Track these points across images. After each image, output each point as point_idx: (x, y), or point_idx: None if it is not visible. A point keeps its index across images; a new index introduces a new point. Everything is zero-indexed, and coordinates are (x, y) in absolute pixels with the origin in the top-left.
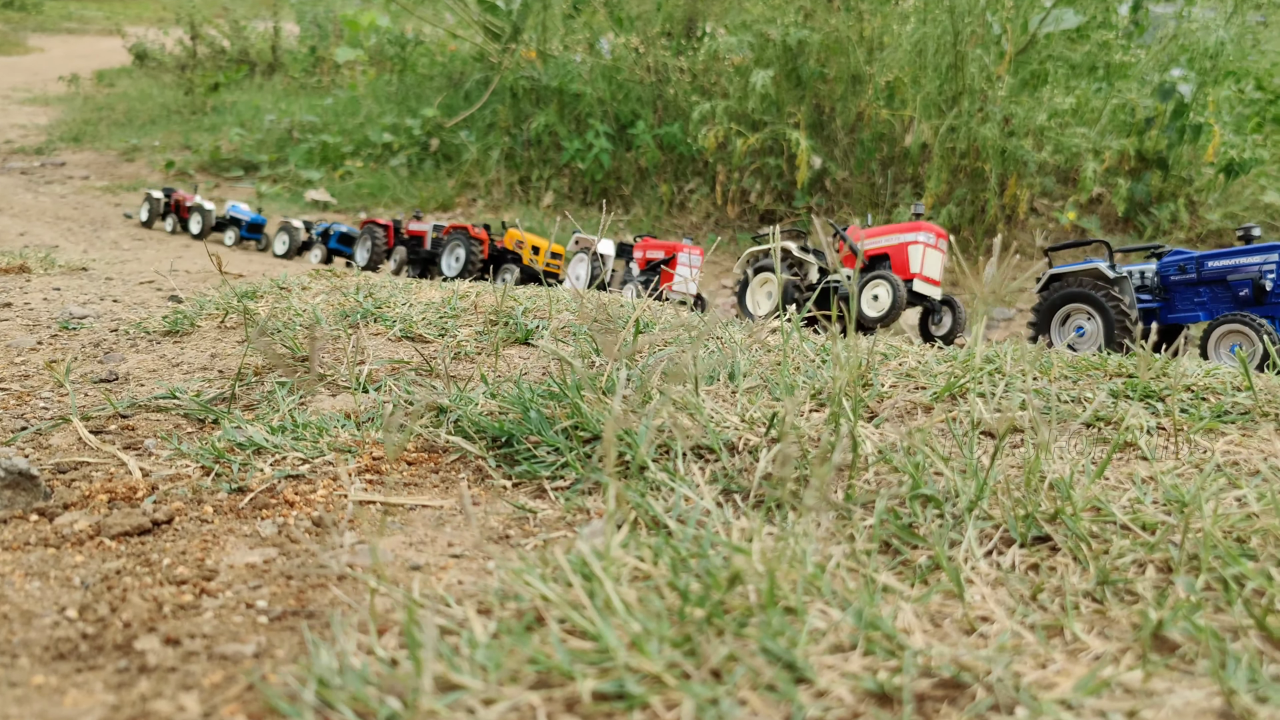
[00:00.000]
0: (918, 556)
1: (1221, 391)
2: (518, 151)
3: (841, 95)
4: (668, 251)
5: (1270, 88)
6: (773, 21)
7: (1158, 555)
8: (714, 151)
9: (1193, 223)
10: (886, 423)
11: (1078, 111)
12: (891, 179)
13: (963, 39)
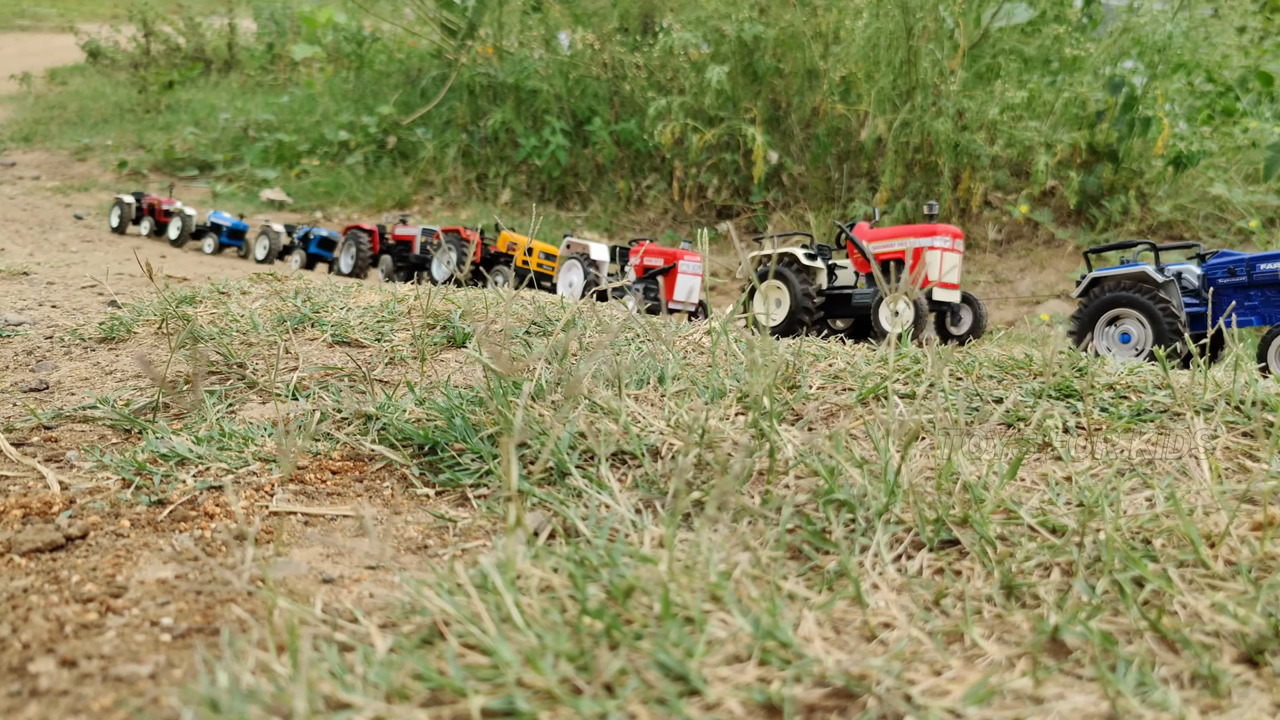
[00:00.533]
0: (827, 562)
1: (1143, 389)
2: (475, 149)
3: (798, 90)
4: (667, 259)
5: (1220, 80)
6: (727, 17)
7: (1063, 558)
8: (671, 147)
9: (1143, 214)
10: (811, 425)
11: (1030, 105)
12: (847, 174)
13: (915, 34)
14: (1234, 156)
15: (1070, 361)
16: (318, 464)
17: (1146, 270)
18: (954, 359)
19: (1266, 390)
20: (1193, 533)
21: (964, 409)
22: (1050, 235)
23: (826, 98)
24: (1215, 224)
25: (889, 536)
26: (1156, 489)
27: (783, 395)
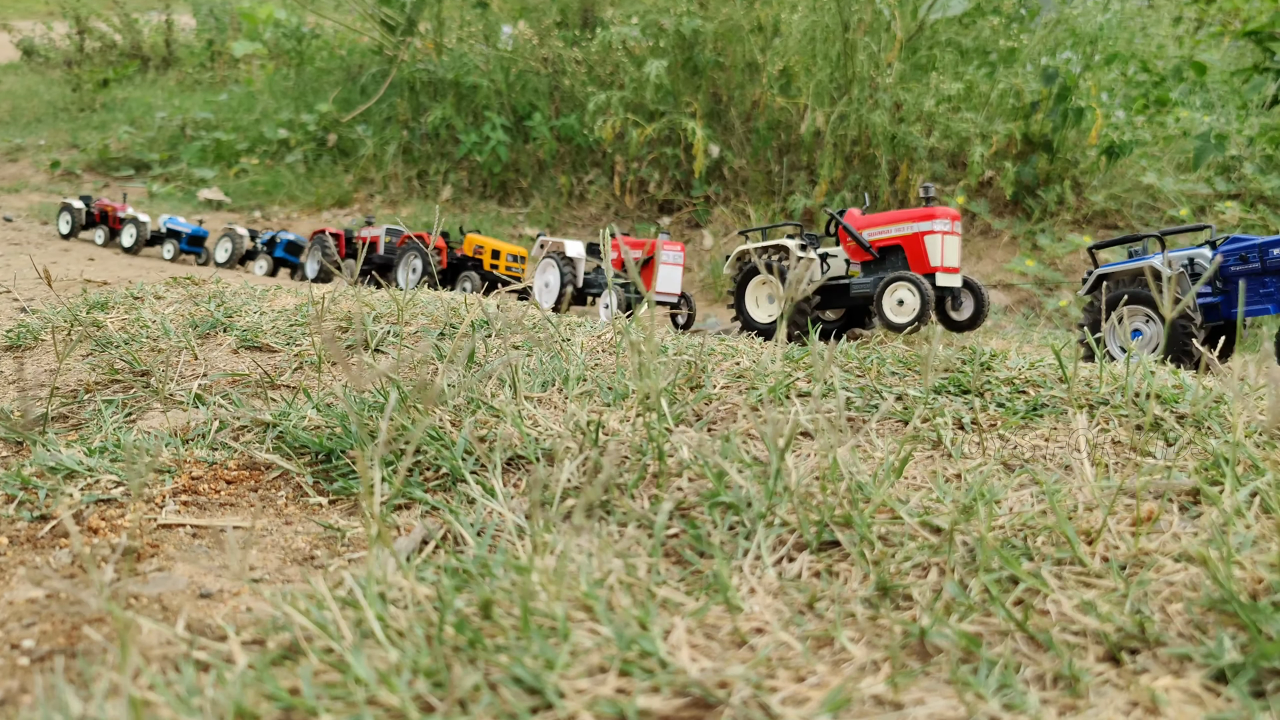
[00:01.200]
0: (709, 566)
1: (1041, 384)
2: (415, 146)
3: (738, 84)
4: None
5: (1155, 70)
6: (666, 11)
7: (941, 558)
8: (612, 142)
9: (1078, 204)
10: (711, 426)
11: (966, 97)
12: (787, 166)
13: (851, 27)
14: (1166, 146)
15: (972, 356)
16: (213, 474)
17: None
18: (857, 355)
19: (1163, 383)
20: (1068, 530)
21: (864, 407)
22: (987, 225)
23: (766, 91)
24: (1148, 212)
25: (773, 539)
26: (1044, 485)
27: (685, 396)
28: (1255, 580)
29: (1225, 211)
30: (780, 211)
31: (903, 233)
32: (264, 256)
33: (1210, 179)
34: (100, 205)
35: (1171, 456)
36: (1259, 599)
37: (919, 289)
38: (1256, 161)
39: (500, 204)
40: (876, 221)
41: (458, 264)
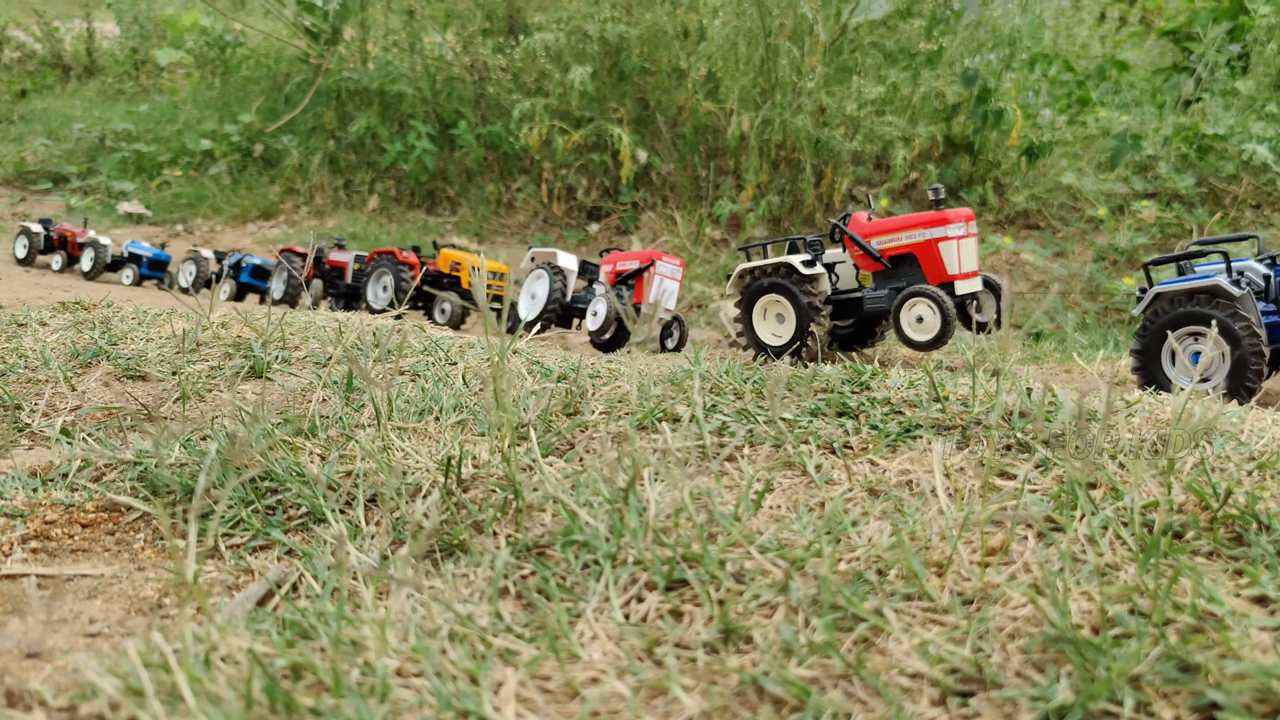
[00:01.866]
0: (557, 609)
1: (918, 404)
2: (341, 155)
3: (665, 89)
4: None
5: (1079, 70)
6: (590, 17)
7: (786, 596)
8: (538, 149)
9: (1001, 205)
10: (584, 456)
11: (889, 100)
12: (714, 171)
13: (772, 32)
14: (1087, 146)
15: (852, 376)
16: (68, 517)
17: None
18: (739, 377)
19: (1036, 402)
20: (915, 564)
21: (737, 432)
22: None
23: (691, 96)
24: (1069, 213)
25: (625, 578)
26: (907, 513)
27: (560, 423)
28: (1099, 613)
29: (1142, 210)
30: (707, 217)
31: (915, 240)
32: (229, 280)
33: (1128, 178)
34: (60, 230)
35: (1034, 480)
36: (1101, 633)
37: (939, 306)
38: (1172, 161)
39: (428, 213)
40: (885, 228)
41: (433, 281)
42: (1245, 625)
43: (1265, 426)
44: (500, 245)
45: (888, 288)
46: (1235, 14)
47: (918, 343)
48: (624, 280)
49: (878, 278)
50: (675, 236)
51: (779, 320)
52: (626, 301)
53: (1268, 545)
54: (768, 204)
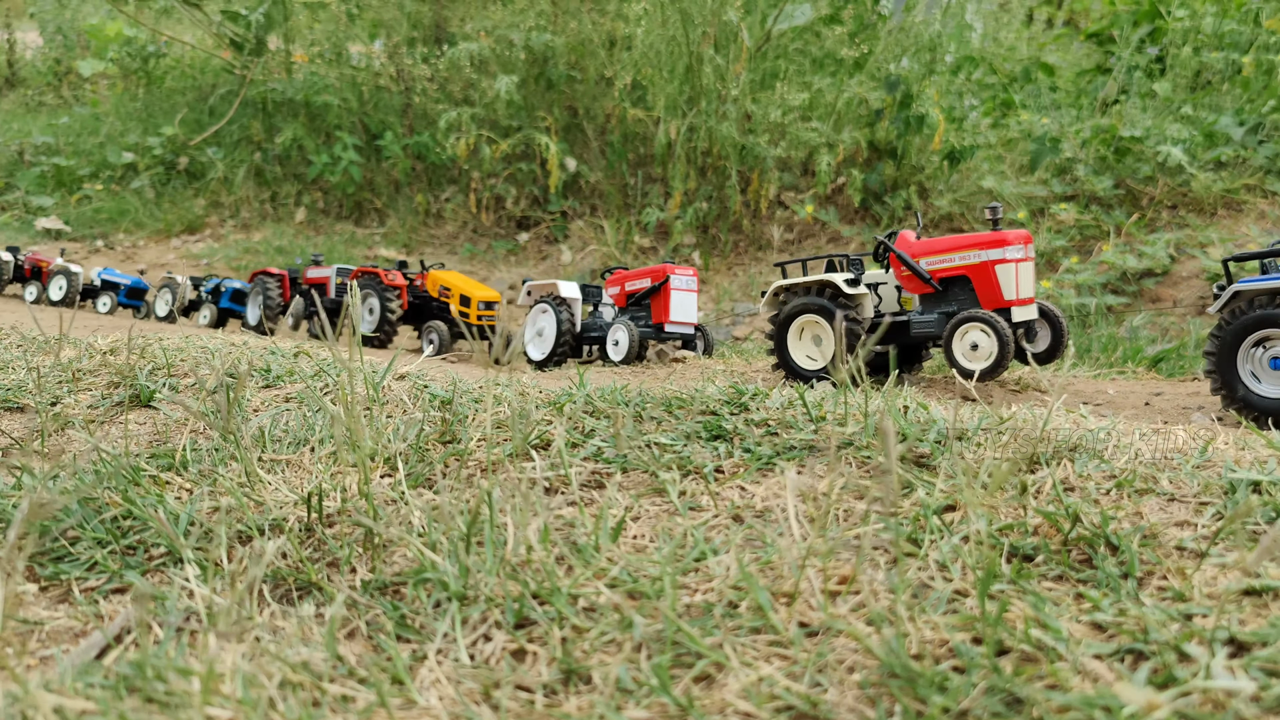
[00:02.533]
0: (404, 651)
1: (794, 425)
2: (267, 167)
3: (593, 98)
4: (655, 278)
5: (1004, 73)
6: (516, 26)
7: (628, 634)
8: (466, 159)
9: (925, 209)
10: (454, 486)
11: (813, 106)
12: (642, 179)
13: (695, 40)
14: (1010, 149)
15: (732, 397)
16: None
17: None
18: (621, 399)
19: (914, 419)
20: (760, 597)
21: (614, 458)
22: (836, 233)
23: (619, 104)
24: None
25: (476, 616)
26: (767, 540)
27: (434, 452)
28: (939, 643)
29: (1061, 213)
30: (635, 225)
31: (969, 262)
32: (208, 306)
33: (1048, 181)
34: (33, 259)
35: (897, 502)
36: (941, 663)
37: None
38: (1090, 163)
39: (356, 225)
40: (936, 248)
41: (421, 305)
42: (1079, 653)
43: (1131, 442)
44: (429, 256)
45: (936, 312)
46: (1154, 17)
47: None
48: (638, 300)
49: (925, 300)
50: (604, 245)
51: (815, 342)
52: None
53: (1114, 568)
54: (695, 211)
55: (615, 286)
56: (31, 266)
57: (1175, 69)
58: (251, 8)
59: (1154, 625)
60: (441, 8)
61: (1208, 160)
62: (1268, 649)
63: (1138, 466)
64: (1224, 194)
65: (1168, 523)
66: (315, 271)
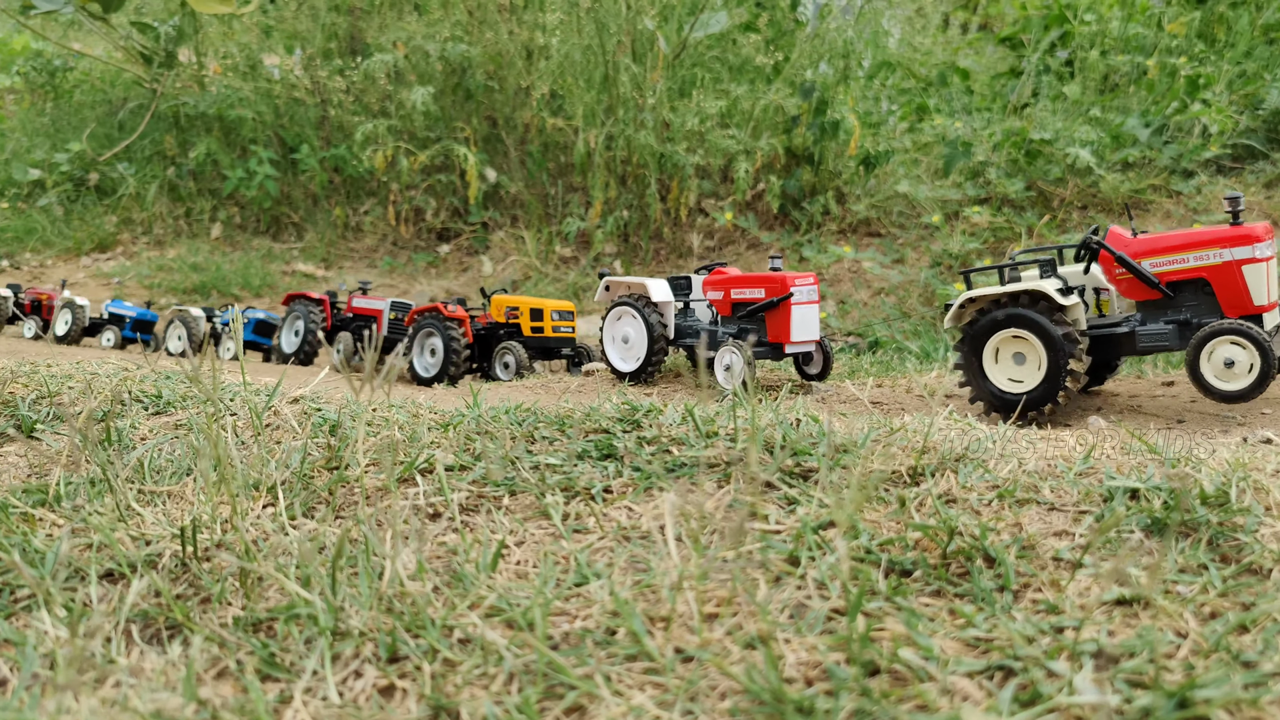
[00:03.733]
0: (270, 691)
1: (685, 441)
2: (181, 183)
3: (512, 108)
4: (772, 289)
5: (921, 78)
6: (431, 37)
7: (499, 667)
8: (384, 171)
9: (843, 214)
10: (340, 514)
11: (730, 113)
12: (563, 189)
13: (610, 49)
14: (926, 153)
15: (625, 414)
16: None
17: None
18: (514, 419)
19: (805, 433)
20: (635, 624)
21: (501, 480)
22: (756, 239)
23: (537, 114)
24: (907, 220)
25: (349, 651)
26: (651, 563)
27: (319, 479)
28: (814, 664)
29: (975, 216)
30: (557, 235)
31: (1208, 262)
32: (228, 337)
33: (961, 184)
34: (32, 293)
35: (782, 520)
36: (814, 685)
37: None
38: (1002, 166)
39: (274, 239)
40: (1164, 246)
41: (487, 334)
42: (949, 671)
43: (1017, 450)
44: (349, 270)
45: (1164, 321)
46: (1063, 21)
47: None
48: (751, 313)
49: (1147, 308)
50: (525, 255)
51: (1017, 361)
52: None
53: (990, 581)
54: (616, 219)
55: (718, 290)
56: (32, 301)
57: (1084, 72)
58: (162, 20)
59: (1021, 641)
60: (357, 19)
61: (1115, 161)
62: (1134, 660)
63: (1020, 476)
64: (1131, 194)
65: (1046, 533)
66: (363, 302)
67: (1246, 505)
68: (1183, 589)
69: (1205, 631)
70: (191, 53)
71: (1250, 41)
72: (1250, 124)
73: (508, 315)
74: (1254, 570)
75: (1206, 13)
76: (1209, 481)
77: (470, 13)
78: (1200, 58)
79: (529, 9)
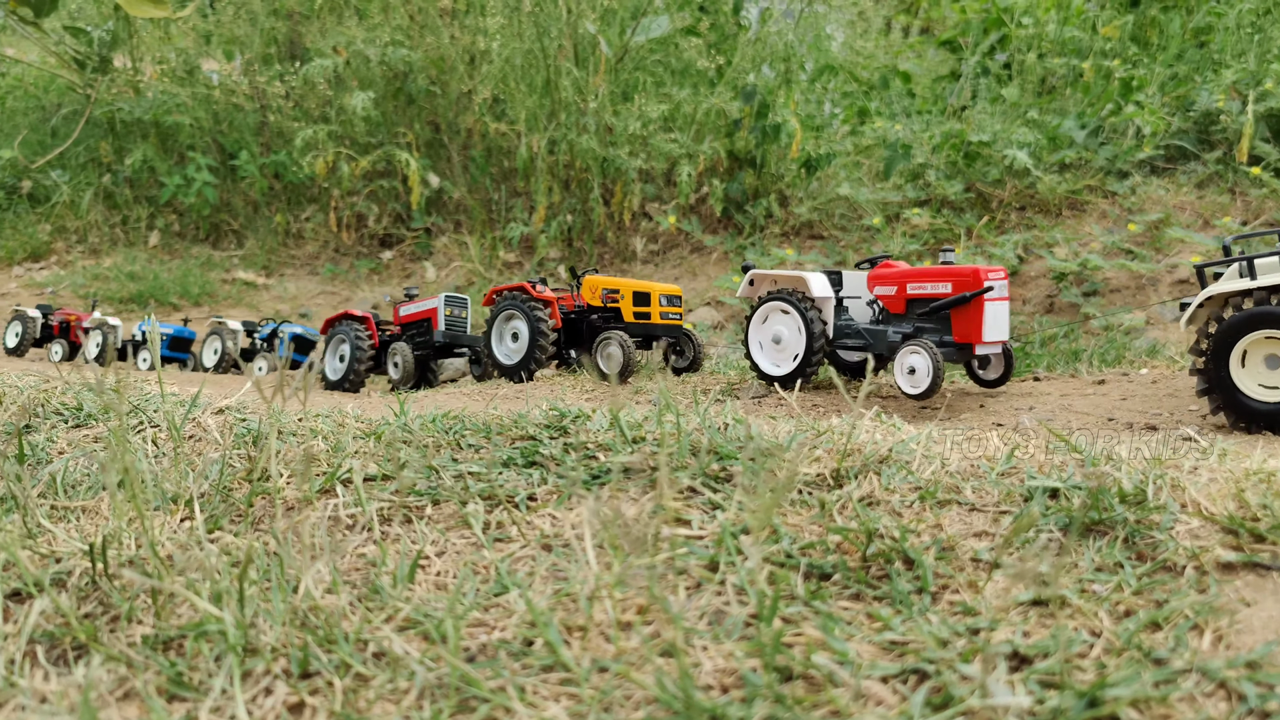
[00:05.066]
0: (177, 710)
1: (611, 447)
2: (118, 190)
3: (454, 112)
4: (961, 284)
5: (863, 80)
6: (371, 41)
7: (415, 682)
8: (325, 177)
9: (786, 217)
10: (257, 525)
11: (673, 117)
12: (506, 194)
13: (552, 53)
14: (868, 155)
15: (552, 421)
16: None
17: None
18: (441, 427)
19: (732, 436)
20: (550, 635)
21: (424, 489)
22: (700, 243)
23: (479, 119)
24: (849, 222)
25: (261, 668)
26: (573, 570)
27: (240, 491)
28: (730, 671)
29: (915, 218)
30: (500, 240)
31: None
32: (264, 355)
33: (901, 186)
34: (64, 315)
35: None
36: (729, 692)
37: None
38: (941, 168)
39: (213, 247)
40: None
41: (577, 319)
42: (863, 676)
43: (941, 451)
44: (289, 278)
45: None
46: (1002, 24)
47: None
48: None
49: None
50: (469, 261)
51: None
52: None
53: (908, 584)
54: (559, 224)
55: (889, 285)
56: (60, 323)
57: (1022, 75)
58: (96, 25)
59: (935, 643)
60: (296, 24)
61: (1052, 163)
62: (1047, 660)
63: (943, 477)
64: (1068, 195)
65: (966, 533)
66: (412, 307)
67: (1163, 503)
68: (1098, 588)
69: (1118, 630)
70: (127, 58)
71: (1181, 44)
72: (1182, 125)
73: (604, 298)
74: (1168, 567)
75: (1139, 16)
76: (1128, 480)
77: (411, 17)
78: (1134, 60)
79: (470, 13)
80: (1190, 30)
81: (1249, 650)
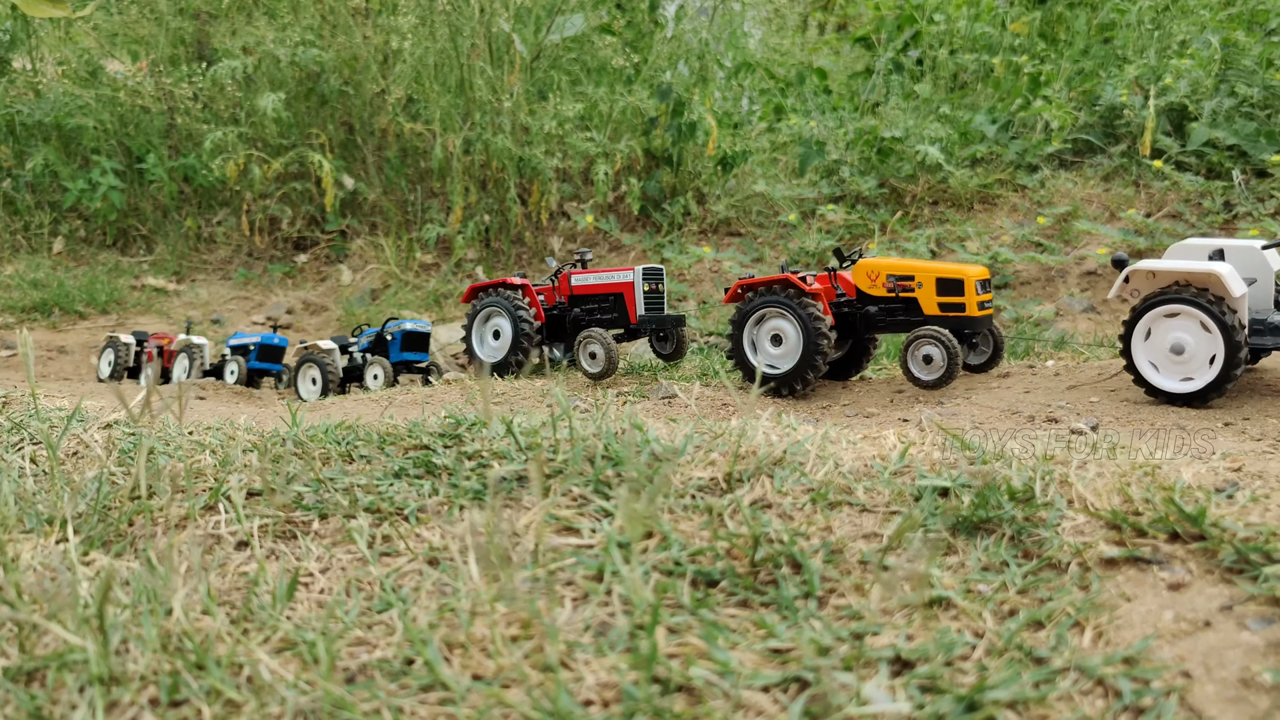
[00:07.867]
0: None
1: (506, 455)
2: (19, 196)
3: (368, 113)
4: None
5: (780, 78)
6: (281, 41)
7: (286, 708)
8: (236, 180)
9: (704, 214)
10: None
11: (589, 116)
12: (422, 195)
13: (465, 52)
14: (783, 153)
15: (447, 429)
16: None
17: None
18: (334, 437)
19: (629, 441)
20: (429, 652)
21: (311, 503)
22: (618, 241)
23: (393, 120)
24: (766, 219)
25: (127, 698)
26: (460, 585)
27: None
28: (611, 686)
29: (830, 214)
30: (416, 241)
31: None
32: (378, 364)
33: (816, 183)
34: (158, 340)
35: (596, 533)
36: (610, 706)
37: None
38: (855, 164)
39: (121, 253)
40: None
41: (848, 313)
42: (744, 686)
43: (836, 451)
44: (201, 284)
45: None
46: (914, 21)
47: None
48: None
49: None
50: (385, 263)
51: None
52: None
53: (795, 589)
54: (476, 225)
55: None
56: (155, 349)
57: (934, 71)
58: None
59: (816, 650)
60: (204, 24)
61: (964, 158)
62: (929, 664)
63: (836, 478)
64: (979, 189)
65: (856, 535)
66: (587, 278)
67: (1050, 499)
68: (983, 587)
69: (1001, 630)
70: (26, 59)
71: (1087, 40)
72: (1088, 119)
73: (890, 286)
74: (1053, 565)
75: (1046, 13)
76: (1017, 477)
77: (323, 17)
78: (1042, 56)
79: (383, 13)
80: (1095, 26)
81: (1127, 646)
